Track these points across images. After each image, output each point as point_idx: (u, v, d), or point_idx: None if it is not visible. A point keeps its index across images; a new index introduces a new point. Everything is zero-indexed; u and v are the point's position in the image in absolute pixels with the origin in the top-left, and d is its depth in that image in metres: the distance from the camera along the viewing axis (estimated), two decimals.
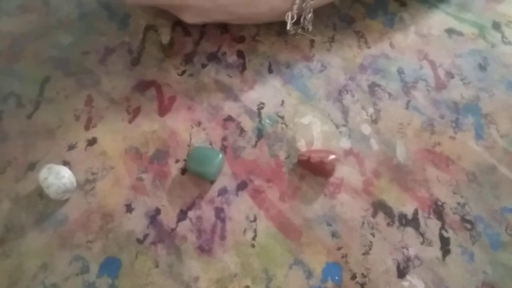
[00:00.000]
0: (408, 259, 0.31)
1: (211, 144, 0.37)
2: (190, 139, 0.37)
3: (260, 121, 0.38)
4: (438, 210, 0.33)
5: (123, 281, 0.31)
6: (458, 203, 0.33)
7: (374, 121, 0.37)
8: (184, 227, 0.33)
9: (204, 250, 0.32)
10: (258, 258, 0.32)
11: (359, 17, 0.44)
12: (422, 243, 0.32)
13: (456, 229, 0.32)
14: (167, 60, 0.42)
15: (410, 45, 0.42)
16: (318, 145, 0.36)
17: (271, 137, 0.37)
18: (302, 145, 0.37)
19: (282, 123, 0.38)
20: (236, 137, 0.37)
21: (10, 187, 0.36)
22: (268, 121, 0.38)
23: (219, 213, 0.34)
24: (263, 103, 0.39)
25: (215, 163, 0.34)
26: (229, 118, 0.38)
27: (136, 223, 0.33)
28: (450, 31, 0.43)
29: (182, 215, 0.34)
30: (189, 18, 0.41)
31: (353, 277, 0.31)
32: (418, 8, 0.45)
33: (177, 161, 0.36)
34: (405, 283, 0.30)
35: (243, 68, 0.42)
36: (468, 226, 0.32)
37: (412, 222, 0.33)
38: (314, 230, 0.33)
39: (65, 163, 0.36)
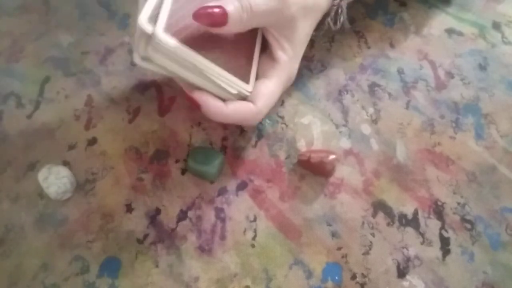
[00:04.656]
0: (408, 259, 0.31)
1: (211, 144, 0.37)
2: (190, 139, 0.37)
3: (260, 121, 0.38)
4: (438, 210, 0.33)
5: (123, 281, 0.31)
6: (458, 203, 0.33)
7: (374, 121, 0.37)
8: (184, 227, 0.33)
9: (204, 250, 0.32)
10: (258, 258, 0.32)
11: (359, 17, 0.44)
12: (422, 243, 0.32)
13: (456, 229, 0.32)
14: None
15: (410, 45, 0.42)
16: (318, 145, 0.36)
17: (271, 137, 0.37)
18: (302, 145, 0.37)
19: (282, 123, 0.38)
20: (236, 137, 0.37)
21: (10, 187, 0.36)
22: (268, 121, 0.38)
23: (219, 213, 0.34)
24: None
25: (215, 163, 0.34)
26: None
27: (136, 223, 0.33)
28: (450, 31, 0.43)
29: (182, 215, 0.34)
30: None
31: (353, 277, 0.31)
32: (418, 8, 0.45)
33: (177, 161, 0.36)
34: (405, 283, 0.30)
35: None
36: (468, 226, 0.32)
37: (412, 222, 0.33)
38: (314, 230, 0.33)
39: (65, 163, 0.36)
